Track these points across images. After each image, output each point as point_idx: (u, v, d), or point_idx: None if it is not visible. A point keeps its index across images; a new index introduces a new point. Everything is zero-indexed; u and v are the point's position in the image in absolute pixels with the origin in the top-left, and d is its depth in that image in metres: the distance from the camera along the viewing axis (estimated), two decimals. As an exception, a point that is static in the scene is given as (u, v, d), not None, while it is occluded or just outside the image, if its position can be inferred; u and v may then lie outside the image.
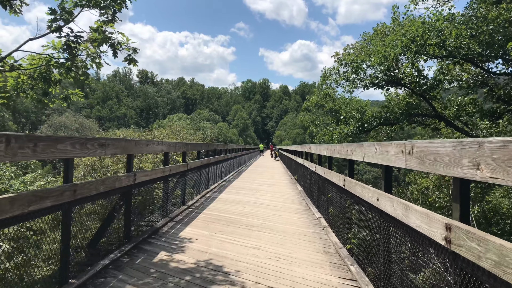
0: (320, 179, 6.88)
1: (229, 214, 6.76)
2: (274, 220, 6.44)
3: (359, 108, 14.43)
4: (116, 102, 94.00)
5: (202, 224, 5.91)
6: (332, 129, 14.63)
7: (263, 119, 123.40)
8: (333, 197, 5.68)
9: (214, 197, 8.97)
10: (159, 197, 5.98)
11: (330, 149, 5.73)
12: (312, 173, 8.14)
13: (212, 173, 11.43)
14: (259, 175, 15.99)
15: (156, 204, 5.98)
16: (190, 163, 7.72)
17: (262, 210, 7.29)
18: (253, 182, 12.93)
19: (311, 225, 6.13)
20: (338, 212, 5.32)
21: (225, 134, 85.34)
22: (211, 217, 6.45)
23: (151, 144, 5.18)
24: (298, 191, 10.54)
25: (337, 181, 4.97)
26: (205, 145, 10.13)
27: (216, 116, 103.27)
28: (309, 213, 7.22)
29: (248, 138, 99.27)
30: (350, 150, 4.31)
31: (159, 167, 5.98)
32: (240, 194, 9.62)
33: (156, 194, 6.02)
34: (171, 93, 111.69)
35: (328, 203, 6.08)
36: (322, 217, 6.51)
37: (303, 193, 9.92)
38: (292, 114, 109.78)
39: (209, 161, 10.14)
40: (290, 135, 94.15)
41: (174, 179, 7.13)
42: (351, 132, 13.76)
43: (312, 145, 8.21)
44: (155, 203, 6.01)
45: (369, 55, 12.42)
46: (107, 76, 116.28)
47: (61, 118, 67.89)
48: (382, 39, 12.59)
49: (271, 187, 11.42)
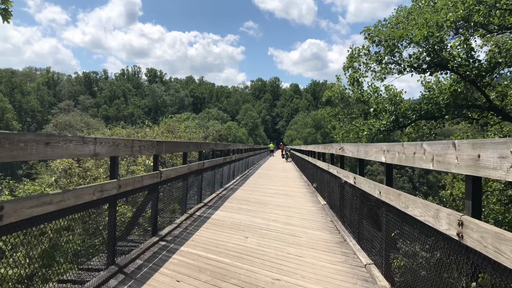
0: (367, 199, 4.29)
1: (220, 255, 4.22)
2: (293, 268, 3.87)
3: (393, 99, 11.72)
4: (123, 101, 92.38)
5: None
6: (359, 125, 11.95)
7: (273, 118, 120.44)
8: (404, 236, 3.10)
9: (206, 217, 6.44)
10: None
11: (396, 151, 3.15)
12: (347, 187, 5.54)
13: (209, 181, 8.92)
14: (269, 181, 13.41)
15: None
16: (167, 172, 5.21)
17: (273, 245, 4.73)
18: (261, 191, 10.37)
19: (358, 283, 3.54)
20: (422, 272, 2.74)
21: (234, 133, 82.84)
22: (187, 266, 3.91)
23: (55, 143, 2.66)
24: (320, 206, 7.93)
25: (432, 222, 2.37)
26: (194, 144, 7.52)
27: (225, 115, 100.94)
28: (346, 250, 4.63)
29: (258, 137, 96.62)
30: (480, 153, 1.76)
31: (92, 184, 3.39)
32: (242, 211, 7.07)
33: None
34: (179, 91, 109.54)
35: (388, 243, 3.49)
36: (373, 264, 3.92)
37: (327, 209, 7.32)
38: (303, 113, 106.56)
39: (202, 166, 7.62)
40: (301, 135, 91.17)
41: (139, 198, 4.65)
42: (384, 127, 11.08)
43: (348, 145, 5.59)
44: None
45: (413, 26, 9.65)
46: (114, 75, 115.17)
47: (67, 117, 66.78)
48: (432, 4, 9.82)
49: (284, 199, 8.84)
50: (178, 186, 6.13)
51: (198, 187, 7.64)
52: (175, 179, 5.82)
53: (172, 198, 5.90)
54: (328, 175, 7.59)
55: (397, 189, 3.82)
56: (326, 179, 8.06)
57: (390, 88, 12.37)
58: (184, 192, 6.40)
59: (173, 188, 5.91)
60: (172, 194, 5.89)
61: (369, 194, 4.10)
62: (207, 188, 8.92)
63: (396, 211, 3.20)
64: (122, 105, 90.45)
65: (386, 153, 3.46)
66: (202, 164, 7.67)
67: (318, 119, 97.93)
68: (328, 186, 7.68)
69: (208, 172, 8.68)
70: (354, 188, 4.97)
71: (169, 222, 5.62)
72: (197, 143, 7.39)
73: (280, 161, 31.88)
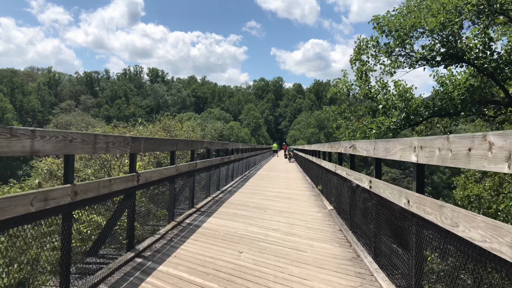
0: (387, 207, 3.47)
1: (207, 278, 3.41)
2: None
3: (403, 95, 10.86)
4: (124, 101, 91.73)
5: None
6: (367, 123, 11.10)
7: (276, 118, 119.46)
8: (449, 263, 2.29)
9: (196, 225, 5.63)
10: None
11: (436, 147, 2.32)
12: (360, 191, 4.71)
13: (204, 183, 8.14)
14: (270, 183, 12.60)
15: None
16: (147, 174, 4.41)
17: (272, 263, 3.91)
18: (262, 194, 9.56)
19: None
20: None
21: (237, 133, 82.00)
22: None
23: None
24: (327, 211, 7.11)
25: (510, 254, 1.55)
26: (184, 142, 6.65)
27: (228, 115, 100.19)
28: (360, 269, 3.81)
29: (260, 137, 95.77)
30: None
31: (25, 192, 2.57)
32: (238, 218, 6.25)
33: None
34: (180, 91, 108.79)
35: (420, 267, 2.67)
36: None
37: (335, 215, 6.51)
38: (306, 113, 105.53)
39: (194, 167, 6.82)
40: (304, 135, 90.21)
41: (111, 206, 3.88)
42: (394, 125, 10.23)
43: (361, 142, 4.76)
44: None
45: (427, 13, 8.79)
46: (116, 75, 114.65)
47: (68, 117, 66.37)
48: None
49: (286, 203, 8.03)
50: (163, 190, 5.33)
51: (190, 191, 6.84)
52: (159, 182, 5.01)
53: (157, 204, 5.10)
54: (335, 177, 6.77)
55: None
56: (333, 182, 7.24)
57: (399, 84, 11.51)
58: (171, 197, 5.60)
59: (158, 193, 5.11)
60: (156, 199, 5.10)
61: (391, 202, 3.29)
62: (202, 191, 8.13)
63: (435, 228, 2.39)
64: (123, 105, 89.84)
65: (419, 150, 2.63)
66: (194, 164, 6.87)
67: (321, 119, 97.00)
68: (336, 189, 6.86)
69: (202, 173, 7.88)
70: (369, 193, 4.15)
71: (151, 232, 4.83)
72: (187, 140, 6.56)
73: (283, 161, 31.06)
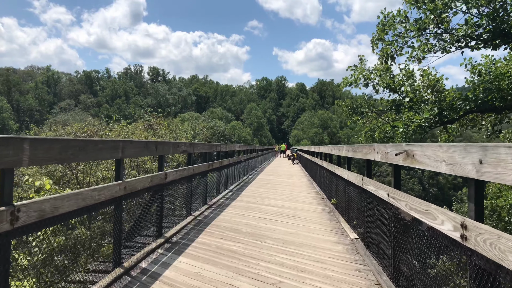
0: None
1: None
2: None
3: (435, 85, 8.79)
4: (124, 100, 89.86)
5: None
6: (389, 120, 9.03)
7: (279, 118, 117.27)
8: None
9: (148, 281, 3.60)
10: None
11: None
12: (422, 229, 2.66)
13: (181, 199, 6.12)
14: (271, 191, 10.56)
15: None
16: (33, 205, 2.38)
17: None
18: (259, 209, 7.51)
19: None
20: None
21: (239, 133, 79.97)
22: None
23: None
24: (348, 241, 5.05)
25: None
26: (139, 145, 4.51)
27: (230, 115, 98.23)
28: None
29: (263, 137, 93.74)
30: None
31: None
32: (222, 258, 4.20)
33: None
34: (182, 90, 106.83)
35: None
36: None
37: (363, 250, 4.45)
38: (309, 113, 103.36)
39: (163, 180, 4.78)
40: (308, 135, 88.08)
41: None
42: (425, 123, 8.17)
43: (426, 147, 2.71)
44: None
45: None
46: (117, 74, 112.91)
47: (66, 117, 64.77)
48: None
49: (291, 226, 5.97)
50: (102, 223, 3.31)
51: (156, 214, 4.83)
52: (84, 213, 2.99)
53: (72, 250, 3.08)
54: (365, 196, 4.71)
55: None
56: (357, 200, 5.20)
57: (429, 72, 9.44)
58: (116, 229, 3.58)
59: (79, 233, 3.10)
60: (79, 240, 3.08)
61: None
62: (182, 207, 6.12)
63: None
64: (123, 104, 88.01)
65: None
66: (163, 176, 4.84)
67: (325, 118, 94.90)
68: (364, 214, 4.78)
69: (179, 185, 5.87)
70: (460, 247, 2.12)
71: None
72: (146, 142, 4.47)
73: (286, 163, 29.03)
